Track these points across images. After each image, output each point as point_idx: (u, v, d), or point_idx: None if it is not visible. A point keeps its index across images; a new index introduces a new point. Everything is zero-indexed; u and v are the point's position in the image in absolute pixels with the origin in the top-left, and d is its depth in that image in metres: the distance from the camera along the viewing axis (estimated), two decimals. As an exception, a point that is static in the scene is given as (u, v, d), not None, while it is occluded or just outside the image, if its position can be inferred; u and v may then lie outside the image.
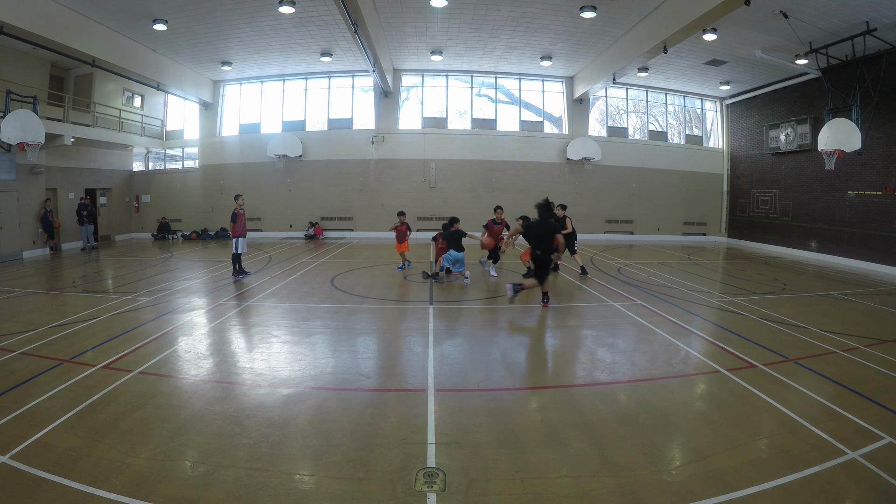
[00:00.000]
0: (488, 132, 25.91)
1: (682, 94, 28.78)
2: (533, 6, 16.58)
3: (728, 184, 28.89)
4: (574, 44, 20.38)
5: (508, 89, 26.49)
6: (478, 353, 7.71)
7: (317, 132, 25.22)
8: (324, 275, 13.87)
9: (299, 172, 24.96)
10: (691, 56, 21.37)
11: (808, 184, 22.78)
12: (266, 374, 6.45)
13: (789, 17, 15.87)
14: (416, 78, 25.54)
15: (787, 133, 23.70)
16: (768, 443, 5.12)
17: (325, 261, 16.46)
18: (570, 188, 26.44)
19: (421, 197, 25.32)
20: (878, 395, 6.37)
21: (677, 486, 4.22)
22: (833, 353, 8.28)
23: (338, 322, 9.18)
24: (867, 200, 19.61)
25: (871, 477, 4.49)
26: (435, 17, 17.55)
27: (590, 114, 27.19)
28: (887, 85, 17.89)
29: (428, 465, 4.35)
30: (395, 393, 6.01)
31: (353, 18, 14.39)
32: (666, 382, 6.77)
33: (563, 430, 5.15)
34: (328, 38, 19.29)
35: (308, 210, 24.96)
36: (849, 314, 11.42)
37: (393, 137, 25.03)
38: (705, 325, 9.90)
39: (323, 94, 25.35)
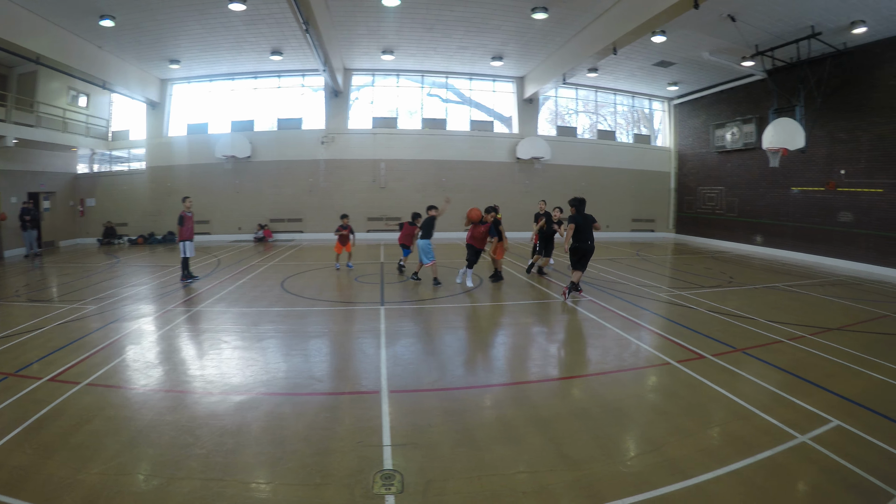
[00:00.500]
0: (439, 132, 25.90)
1: (630, 95, 29.40)
2: (485, 7, 16.63)
3: (675, 181, 29.74)
4: (525, 44, 20.53)
5: (459, 89, 26.52)
6: (430, 353, 7.70)
7: (266, 132, 24.73)
8: (274, 278, 13.63)
9: (248, 173, 24.40)
10: (640, 57, 21.81)
11: (753, 181, 23.57)
12: (217, 382, 6.28)
13: (737, 20, 16.37)
14: (367, 77, 25.29)
15: (733, 132, 24.47)
16: (720, 430, 5.27)
17: (275, 263, 16.19)
18: (520, 187, 26.66)
19: (371, 197, 25.09)
20: (825, 381, 6.64)
21: (633, 477, 4.29)
22: (780, 342, 8.55)
23: (289, 326, 9.01)
24: (810, 196, 20.41)
25: (821, 459, 4.67)
26: (387, 17, 17.44)
27: (539, 113, 27.47)
28: (830, 86, 18.72)
29: (385, 467, 4.31)
30: (349, 396, 5.93)
31: (305, 17, 14.16)
32: (618, 376, 6.88)
33: (518, 426, 5.16)
34: (279, 36, 18.98)
35: (257, 212, 24.42)
36: (794, 305, 11.82)
37: (343, 137, 24.75)
38: (655, 319, 10.06)
39: (273, 94, 24.85)
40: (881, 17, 15.67)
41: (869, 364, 7.40)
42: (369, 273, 14.43)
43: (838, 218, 19.26)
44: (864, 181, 18.30)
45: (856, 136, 18.50)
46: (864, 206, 18.30)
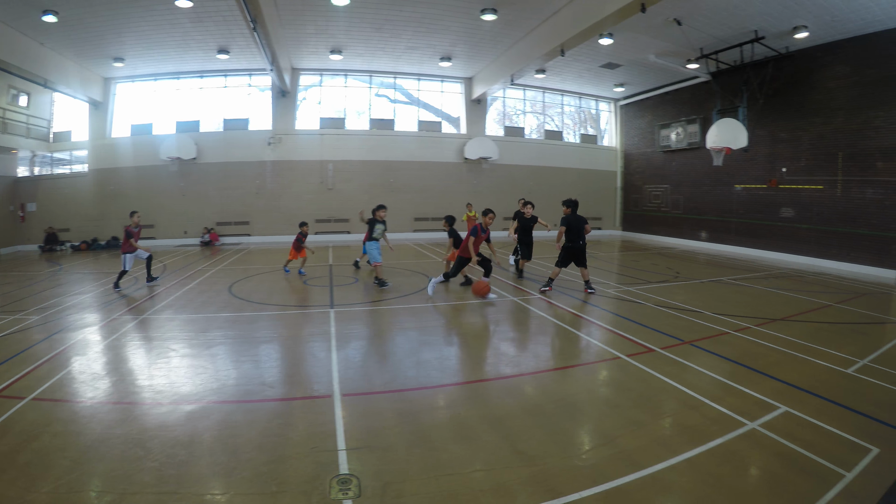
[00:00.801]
0: (387, 132, 25.80)
1: (577, 95, 29.91)
2: (435, 7, 16.64)
3: (622, 180, 30.53)
4: (474, 45, 20.62)
5: (407, 89, 26.50)
6: (381, 355, 7.62)
7: (212, 133, 24.06)
8: (221, 283, 13.30)
9: (194, 176, 23.69)
10: (588, 59, 22.22)
11: (697, 179, 24.27)
12: (167, 391, 6.05)
13: (682, 24, 16.84)
14: (315, 77, 25.00)
15: (678, 132, 25.16)
16: (671, 421, 5.38)
17: (223, 268, 15.82)
18: (468, 187, 26.82)
19: (319, 199, 24.81)
20: (771, 370, 6.87)
21: (589, 470, 4.33)
22: (726, 333, 8.80)
23: (238, 331, 8.78)
24: (753, 193, 21.13)
25: (771, 444, 4.83)
26: (336, 16, 17.27)
27: (487, 114, 27.71)
28: (772, 88, 19.49)
29: (341, 471, 4.23)
30: (301, 401, 5.81)
31: (253, 15, 13.86)
32: (569, 371, 6.94)
33: (472, 425, 5.15)
34: (226, 34, 18.57)
35: (203, 215, 23.72)
36: (739, 297, 12.19)
37: (290, 138, 24.36)
38: (604, 315, 10.20)
39: (219, 94, 24.26)
40: (822, 23, 16.38)
41: (813, 352, 7.70)
42: (318, 276, 14.24)
43: (780, 214, 20.05)
44: (804, 178, 19.08)
45: (796, 135, 19.27)
46: (805, 202, 19.08)
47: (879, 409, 5.73)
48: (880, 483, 4.23)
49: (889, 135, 16.42)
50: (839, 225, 17.98)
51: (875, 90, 16.73)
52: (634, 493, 4.03)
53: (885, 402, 5.97)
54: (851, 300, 12.19)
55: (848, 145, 17.62)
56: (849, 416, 5.51)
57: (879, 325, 10.01)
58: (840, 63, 17.77)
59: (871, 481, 4.25)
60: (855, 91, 17.37)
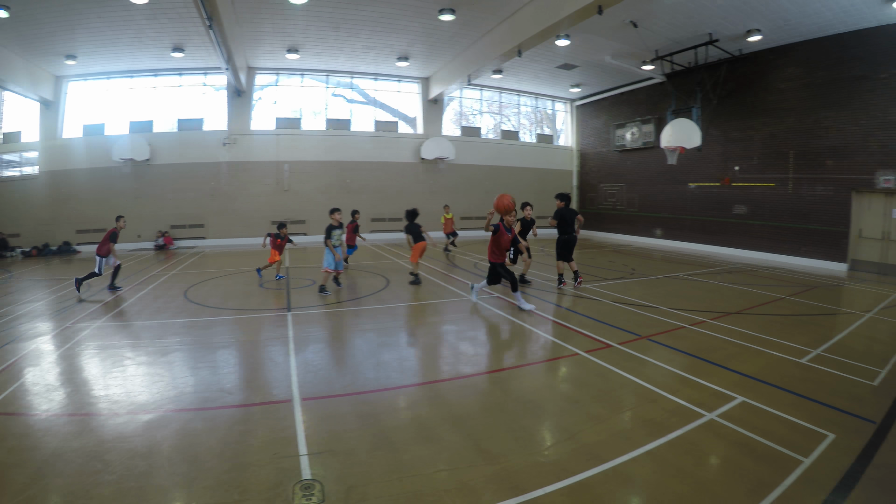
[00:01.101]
0: (343, 132, 25.58)
1: (534, 96, 30.19)
2: (393, 7, 16.54)
3: (577, 179, 31.06)
4: (432, 45, 20.59)
5: (364, 89, 26.31)
6: (340, 358, 7.54)
7: (166, 133, 23.33)
8: (176, 287, 12.97)
9: (147, 178, 22.91)
10: (544, 60, 22.37)
11: (652, 178, 24.73)
12: (123, 401, 5.84)
13: (639, 26, 17.15)
14: (271, 77, 24.57)
15: (633, 132, 25.63)
16: (631, 414, 5.46)
17: (178, 272, 15.42)
18: (425, 187, 26.87)
19: (275, 200, 24.40)
20: (727, 361, 7.05)
21: (552, 465, 4.36)
22: (682, 327, 8.97)
23: (194, 337, 8.56)
24: (707, 191, 21.65)
25: (729, 433, 4.96)
26: (293, 15, 17.02)
27: (444, 114, 27.71)
28: (726, 89, 20.06)
29: (303, 477, 4.16)
30: (261, 406, 5.69)
31: (209, 12, 13.52)
32: (529, 369, 6.98)
33: (434, 425, 5.13)
34: (181, 32, 18.07)
35: (157, 218, 23.00)
36: (694, 292, 12.43)
37: (246, 139, 23.89)
38: (561, 312, 10.32)
39: (173, 93, 23.56)
40: (775, 27, 16.87)
41: (767, 343, 7.91)
42: (274, 278, 14.02)
43: (733, 211, 20.60)
44: (756, 176, 19.64)
45: (749, 135, 19.83)
46: (758, 199, 19.64)
47: (834, 396, 5.94)
48: (837, 467, 4.37)
49: (838, 134, 16.99)
50: (791, 221, 18.53)
51: (825, 91, 17.29)
52: (597, 486, 4.07)
53: (838, 389, 6.19)
54: (804, 293, 12.56)
55: (799, 144, 18.18)
56: (804, 404, 5.68)
57: (831, 316, 10.34)
58: (792, 65, 18.33)
59: (829, 466, 4.39)
60: (806, 92, 17.92)
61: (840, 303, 11.92)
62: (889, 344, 8.34)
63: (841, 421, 5.28)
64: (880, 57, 15.72)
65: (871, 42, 15.95)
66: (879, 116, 15.85)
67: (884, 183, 15.82)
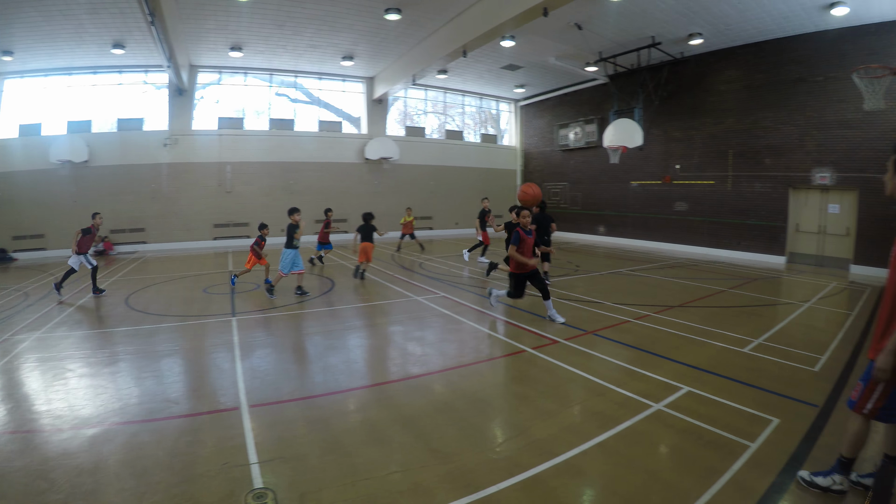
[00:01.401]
0: (287, 133, 25.12)
1: (479, 96, 30.41)
2: (339, 5, 16.35)
3: (521, 178, 31.59)
4: (377, 45, 20.45)
5: (308, 89, 25.95)
6: (287, 362, 7.40)
7: (105, 134, 22.25)
8: (117, 295, 12.51)
9: (86, 180, 21.71)
10: (489, 60, 22.52)
11: (595, 176, 25.23)
12: (67, 416, 5.56)
13: (583, 28, 17.41)
14: (214, 75, 23.84)
15: (576, 132, 26.08)
16: (580, 408, 5.56)
17: (118, 279, 14.88)
18: (369, 188, 26.76)
19: (217, 203, 23.70)
20: (672, 353, 7.26)
21: (504, 462, 4.39)
22: (627, 321, 9.20)
23: (137, 346, 8.23)
24: (648, 189, 22.20)
25: (677, 422, 5.10)
26: (238, 12, 16.62)
27: (388, 114, 27.62)
28: (667, 90, 20.66)
29: (255, 486, 4.07)
30: (208, 415, 5.52)
31: (151, 8, 13.01)
32: (477, 367, 7.01)
33: (384, 427, 5.10)
34: (122, 28, 17.32)
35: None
36: (638, 287, 12.75)
37: (187, 139, 23.07)
38: (507, 310, 10.37)
39: (113, 91, 22.49)
40: (716, 31, 17.45)
41: (710, 334, 8.16)
42: (218, 283, 13.68)
43: (674, 208, 21.20)
44: (696, 174, 20.29)
45: (689, 134, 20.47)
46: (698, 196, 20.27)
47: (776, 382, 6.19)
48: (783, 450, 4.56)
49: (776, 134, 17.74)
50: (730, 217, 19.17)
51: (764, 93, 18.03)
52: (550, 480, 4.12)
53: (780, 376, 6.45)
54: (744, 285, 13.00)
55: (738, 144, 18.88)
56: (748, 392, 5.90)
57: (771, 307, 10.75)
58: (732, 68, 19.02)
59: (775, 449, 4.57)
60: (745, 94, 18.64)
61: (779, 294, 12.39)
62: (827, 331, 8.73)
63: (784, 406, 5.50)
64: (817, 61, 16.45)
65: (808, 47, 16.68)
66: (815, 117, 16.59)
67: (820, 179, 16.58)
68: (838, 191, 16.60)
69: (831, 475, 3.88)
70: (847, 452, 3.83)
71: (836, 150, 16.22)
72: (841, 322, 9.43)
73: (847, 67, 15.00)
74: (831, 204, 16.86)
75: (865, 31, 15.29)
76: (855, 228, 16.04)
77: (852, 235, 16.16)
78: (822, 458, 4.38)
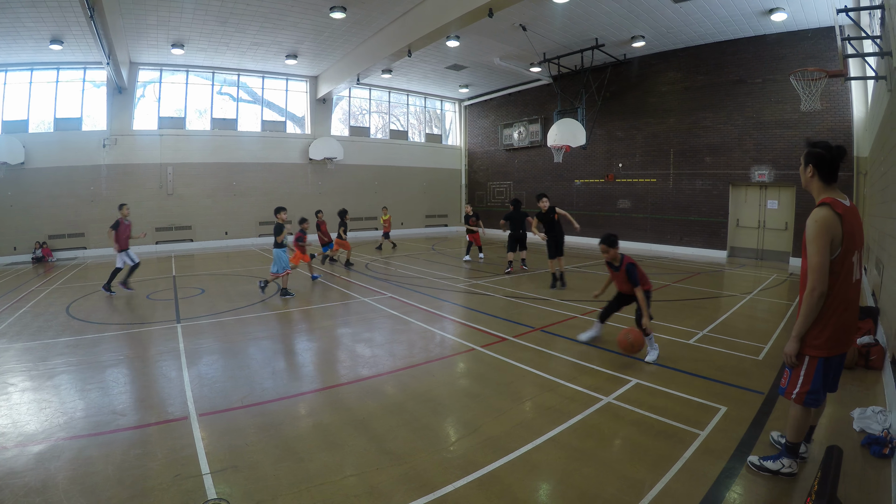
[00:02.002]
0: (229, 133, 24.61)
1: (423, 96, 30.57)
2: (283, 3, 16.12)
3: (466, 178, 31.86)
4: (321, 43, 20.25)
5: (251, 88, 25.49)
6: (235, 368, 7.20)
7: (42, 134, 21.18)
8: (58, 303, 11.96)
9: (23, 183, 20.60)
10: (434, 60, 22.60)
11: (539, 175, 25.66)
12: (10, 433, 5.26)
13: (527, 30, 17.60)
14: (155, 73, 22.99)
15: (520, 131, 26.44)
16: (531, 404, 5.61)
17: (58, 286, 14.28)
18: (313, 188, 26.61)
19: (158, 205, 22.99)
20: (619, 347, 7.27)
21: (458, 460, 4.42)
22: (574, 317, 9.39)
23: (80, 356, 7.90)
24: (592, 187, 22.66)
25: (627, 413, 5.23)
26: (180, 7, 16.15)
27: (333, 114, 27.47)
28: (610, 91, 21.21)
29: (209, 497, 3.96)
30: (157, 426, 5.33)
31: (91, 2, 12.46)
32: (427, 367, 7.02)
33: (336, 431, 5.05)
34: (61, 22, 16.49)
35: (34, 227, 20.81)
36: (583, 283, 13.03)
37: (127, 139, 22.28)
38: (455, 309, 10.49)
39: (50, 89, 21.39)
40: (658, 34, 17.92)
41: (655, 327, 8.31)
42: (161, 289, 13.31)
43: (618, 205, 21.68)
44: (639, 173, 20.81)
45: (631, 134, 20.98)
46: (640, 193, 20.79)
47: (722, 372, 6.41)
48: (732, 436, 4.72)
49: (715, 133, 18.39)
50: (673, 213, 19.70)
51: (704, 94, 18.67)
52: (506, 476, 4.15)
53: (725, 365, 6.67)
54: (687, 279, 13.39)
55: (679, 143, 19.44)
56: (695, 382, 6.08)
57: (714, 300, 11.11)
58: (673, 70, 19.58)
59: (724, 436, 4.73)
60: (686, 95, 19.23)
61: (722, 287, 12.80)
62: (769, 321, 9.09)
63: (731, 394, 5.69)
64: (755, 64, 17.11)
65: (747, 50, 17.34)
66: (754, 117, 17.25)
67: (758, 177, 17.25)
68: (776, 187, 17.28)
69: (780, 459, 4.05)
70: (791, 438, 4.00)
71: (775, 149, 16.88)
72: (783, 312, 9.82)
73: (785, 70, 15.65)
74: (770, 200, 17.55)
75: (802, 36, 16.01)
76: (793, 223, 16.75)
77: (791, 230, 16.87)
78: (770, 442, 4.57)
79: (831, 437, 4.73)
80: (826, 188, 3.82)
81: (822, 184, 3.84)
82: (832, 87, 14.93)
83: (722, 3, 15.05)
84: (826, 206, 3.67)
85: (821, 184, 3.84)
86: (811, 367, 3.78)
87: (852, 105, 14.95)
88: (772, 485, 3.96)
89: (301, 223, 13.28)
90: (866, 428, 4.72)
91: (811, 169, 3.86)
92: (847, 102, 15.14)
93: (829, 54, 15.10)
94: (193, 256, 20.01)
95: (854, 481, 4.01)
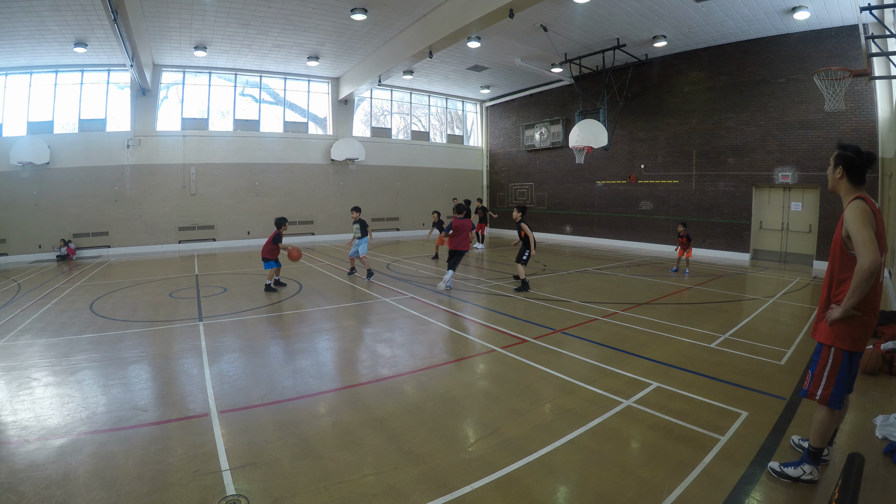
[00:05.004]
0: (251, 134, 24.81)
1: (444, 97, 30.54)
2: (304, 5, 16.19)
3: (487, 178, 31.76)
4: (343, 45, 20.33)
5: (273, 89, 25.69)
6: (256, 367, 7.25)
7: (67, 135, 21.52)
8: (82, 300, 12.15)
9: (48, 183, 21.01)
10: (455, 61, 22.59)
11: (560, 176, 25.49)
12: (33, 427, 5.36)
13: (549, 30, 17.56)
14: (178, 75, 23.33)
15: (542, 132, 26.31)
16: (551, 406, 5.58)
17: (82, 284, 14.50)
18: (335, 189, 26.71)
19: (182, 205, 23.28)
20: (640, 350, 7.35)
21: (477, 461, 4.40)
22: (595, 319, 9.28)
23: (103, 353, 8.02)
24: (614, 188, 22.48)
25: (646, 417, 5.17)
26: (202, 10, 16.34)
27: (354, 115, 27.55)
28: (632, 91, 21.05)
29: (227, 493, 4.00)
30: (178, 423, 5.40)
31: (114, 5, 12.72)
32: (447, 368, 7.02)
33: (355, 430, 5.06)
34: (84, 25, 16.81)
35: (59, 226, 21.22)
36: (604, 285, 12.87)
37: (151, 140, 22.59)
38: (476, 310, 10.44)
39: (75, 91, 21.74)
40: (679, 34, 17.79)
41: (676, 331, 8.27)
42: (184, 287, 13.46)
43: (639, 207, 21.50)
44: (661, 174, 20.62)
45: (654, 135, 20.82)
46: (662, 195, 20.59)
47: (743, 376, 6.32)
48: (753, 442, 4.67)
49: (738, 134, 18.17)
50: (695, 215, 19.51)
51: (726, 94, 18.46)
52: (524, 478, 4.13)
53: (747, 370, 6.59)
54: (709, 282, 13.24)
55: (701, 144, 19.25)
56: (716, 386, 6.01)
57: (736, 303, 10.95)
58: (695, 70, 19.40)
59: (745, 441, 4.67)
60: (708, 95, 19.04)
61: (744, 290, 12.64)
62: (792, 325, 8.97)
63: (752, 399, 5.62)
64: (778, 63, 16.87)
65: (770, 49, 17.11)
66: (777, 118, 17.02)
67: (782, 178, 17.01)
68: (800, 189, 17.04)
69: (801, 465, 4.00)
70: (815, 443, 3.95)
71: (798, 150, 16.64)
72: (805, 316, 9.69)
73: (808, 70, 15.45)
74: (794, 202, 17.31)
75: (826, 35, 15.76)
76: (817, 225, 16.48)
77: (815, 232, 16.60)
78: (791, 448, 4.51)
79: (853, 444, 4.66)
80: (854, 189, 3.85)
81: (851, 185, 3.87)
82: (856, 87, 14.68)
83: (744, 1, 14.89)
84: (862, 199, 3.70)
85: (849, 185, 3.88)
86: (836, 362, 3.79)
87: (877, 105, 14.62)
88: (792, 492, 3.92)
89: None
90: (889, 436, 4.65)
91: (840, 170, 3.91)
92: (871, 102, 14.86)
93: (852, 53, 14.88)
94: (216, 255, 20.19)
95: (876, 489, 3.96)
